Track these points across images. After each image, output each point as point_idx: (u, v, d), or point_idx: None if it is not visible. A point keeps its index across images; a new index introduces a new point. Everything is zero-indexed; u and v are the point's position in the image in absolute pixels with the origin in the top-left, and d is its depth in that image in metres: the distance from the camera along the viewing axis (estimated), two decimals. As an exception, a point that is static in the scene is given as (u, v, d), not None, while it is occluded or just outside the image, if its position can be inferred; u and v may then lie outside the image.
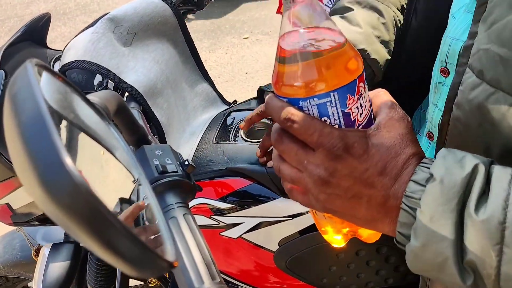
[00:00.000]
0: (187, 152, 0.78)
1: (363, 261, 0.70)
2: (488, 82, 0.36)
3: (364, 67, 0.39)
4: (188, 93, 0.85)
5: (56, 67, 0.80)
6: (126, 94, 0.70)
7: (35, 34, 0.82)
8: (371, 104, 0.40)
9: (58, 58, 0.83)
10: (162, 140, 0.73)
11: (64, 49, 0.75)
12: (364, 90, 0.38)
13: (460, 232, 0.32)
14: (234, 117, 0.84)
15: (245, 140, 0.77)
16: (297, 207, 0.69)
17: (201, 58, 0.90)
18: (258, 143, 0.72)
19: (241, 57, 2.91)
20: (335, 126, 0.37)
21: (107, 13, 0.75)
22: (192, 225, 0.47)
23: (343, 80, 0.36)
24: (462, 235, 0.32)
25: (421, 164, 0.36)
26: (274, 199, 0.70)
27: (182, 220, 0.46)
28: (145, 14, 0.76)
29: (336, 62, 0.36)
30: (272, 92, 0.41)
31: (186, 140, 0.81)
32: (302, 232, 0.70)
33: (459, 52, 0.44)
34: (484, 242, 0.31)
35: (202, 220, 0.72)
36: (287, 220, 0.69)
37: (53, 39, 3.14)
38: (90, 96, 0.40)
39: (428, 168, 0.35)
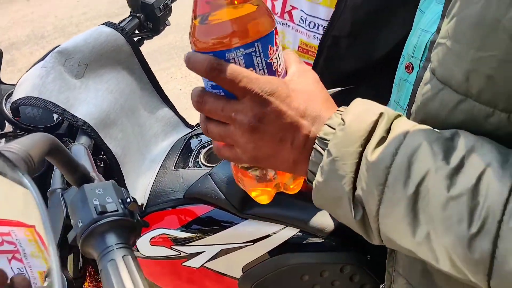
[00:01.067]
0: (147, 181, 0.77)
1: (327, 281, 0.69)
2: (440, 78, 0.36)
3: None
4: (147, 120, 0.84)
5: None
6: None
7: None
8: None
9: (11, 94, 0.82)
10: (118, 172, 0.72)
11: (16, 84, 0.74)
12: (279, 43, 0.41)
13: (356, 172, 0.36)
14: (196, 142, 0.83)
15: (204, 165, 0.76)
16: (258, 231, 0.68)
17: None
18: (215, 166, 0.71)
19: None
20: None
21: (57, 46, 0.74)
22: (132, 267, 0.45)
23: (263, 31, 0.39)
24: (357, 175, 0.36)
25: (337, 111, 0.39)
26: (237, 223, 0.69)
27: (121, 262, 0.45)
28: (96, 44, 0.76)
29: (257, 13, 0.38)
30: None
31: (147, 168, 0.80)
32: (265, 256, 0.69)
33: (426, 45, 0.45)
34: (370, 181, 0.35)
35: (163, 251, 0.71)
36: (248, 245, 0.68)
37: (32, 63, 3.12)
38: (9, 145, 0.39)
39: (341, 114, 0.38)
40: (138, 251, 0.73)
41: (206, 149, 0.80)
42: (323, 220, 0.66)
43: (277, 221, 0.66)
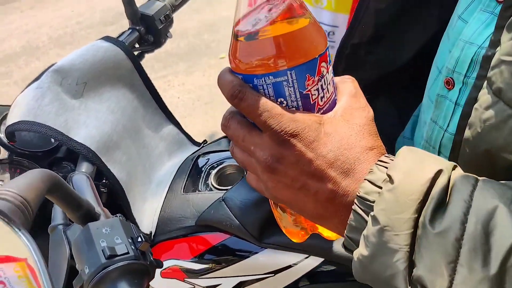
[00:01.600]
0: (155, 206, 0.71)
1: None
2: (507, 102, 0.31)
3: None
4: (152, 139, 0.78)
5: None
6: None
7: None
8: (335, 89, 0.37)
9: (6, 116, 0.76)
10: (123, 199, 0.66)
11: (11, 105, 0.69)
12: (327, 72, 0.35)
13: (413, 245, 0.29)
14: (204, 161, 0.78)
15: (216, 188, 0.70)
16: (279, 261, 0.62)
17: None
18: (228, 189, 0.66)
19: (219, 77, 2.86)
20: (292, 109, 0.34)
21: (53, 65, 0.68)
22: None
23: (302, 58, 0.33)
24: (414, 249, 0.29)
25: (378, 162, 0.32)
26: (255, 253, 0.63)
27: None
28: (95, 61, 0.70)
29: (295, 37, 0.33)
30: None
31: (153, 192, 0.74)
32: (287, 288, 0.63)
33: (472, 59, 0.39)
34: (437, 258, 0.28)
35: (175, 284, 0.65)
36: (268, 277, 0.62)
37: (28, 75, 3.06)
38: (3, 191, 0.34)
39: (387, 168, 0.32)
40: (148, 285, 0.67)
41: (216, 169, 0.74)
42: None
43: (299, 250, 0.61)
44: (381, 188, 0.31)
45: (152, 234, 0.68)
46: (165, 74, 2.82)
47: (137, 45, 0.81)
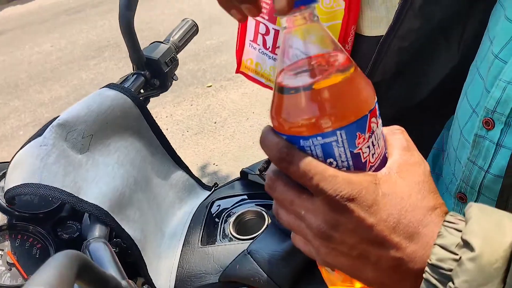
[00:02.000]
0: (171, 262, 0.67)
1: None
2: None
3: None
4: (161, 188, 0.74)
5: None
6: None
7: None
8: (384, 141, 0.34)
9: (5, 174, 0.71)
10: (138, 258, 0.61)
11: (9, 163, 0.63)
12: (377, 126, 0.32)
13: None
14: (219, 208, 0.74)
15: (236, 238, 0.66)
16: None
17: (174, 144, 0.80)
18: (250, 239, 0.62)
19: (207, 106, 2.84)
20: (342, 170, 0.31)
21: (56, 118, 0.64)
22: None
23: (352, 116, 0.30)
24: None
25: (446, 224, 0.29)
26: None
27: None
28: (101, 110, 0.66)
29: (343, 94, 0.30)
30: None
31: (168, 246, 0.69)
32: None
33: None
34: None
35: None
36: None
37: (6, 115, 2.97)
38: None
39: (457, 229, 0.29)
40: None
41: (233, 217, 0.70)
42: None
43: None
44: (456, 254, 0.28)
45: (171, 293, 0.63)
46: (152, 106, 2.77)
47: (142, 91, 0.78)
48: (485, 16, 0.50)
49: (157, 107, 2.80)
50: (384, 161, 0.33)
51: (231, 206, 0.73)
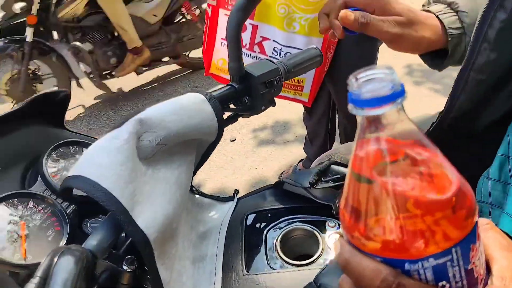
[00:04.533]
0: None
1: None
2: None
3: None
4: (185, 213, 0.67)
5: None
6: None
7: (48, 110, 0.62)
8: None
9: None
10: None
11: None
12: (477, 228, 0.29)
13: None
14: (255, 223, 0.65)
15: (288, 263, 0.59)
16: None
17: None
18: (306, 265, 0.56)
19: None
20: None
21: (139, 111, 0.56)
22: None
23: (470, 225, 0.27)
24: None
25: None
26: None
27: None
28: (189, 124, 0.58)
29: (457, 204, 0.26)
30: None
31: (202, 272, 0.61)
32: None
33: None
34: None
35: None
36: None
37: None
38: None
39: None
40: None
41: (278, 237, 0.62)
42: None
43: None
44: None
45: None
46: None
47: (231, 105, 0.70)
48: None
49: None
50: (486, 269, 0.29)
51: (271, 222, 0.65)
